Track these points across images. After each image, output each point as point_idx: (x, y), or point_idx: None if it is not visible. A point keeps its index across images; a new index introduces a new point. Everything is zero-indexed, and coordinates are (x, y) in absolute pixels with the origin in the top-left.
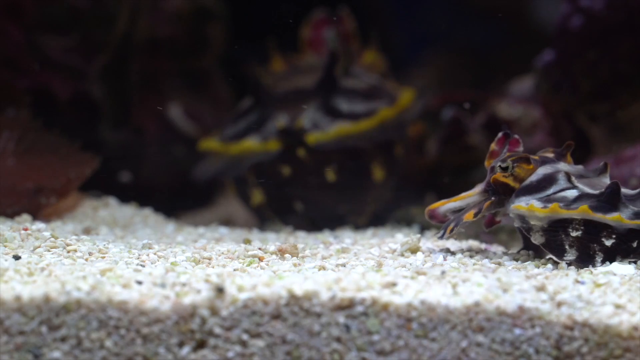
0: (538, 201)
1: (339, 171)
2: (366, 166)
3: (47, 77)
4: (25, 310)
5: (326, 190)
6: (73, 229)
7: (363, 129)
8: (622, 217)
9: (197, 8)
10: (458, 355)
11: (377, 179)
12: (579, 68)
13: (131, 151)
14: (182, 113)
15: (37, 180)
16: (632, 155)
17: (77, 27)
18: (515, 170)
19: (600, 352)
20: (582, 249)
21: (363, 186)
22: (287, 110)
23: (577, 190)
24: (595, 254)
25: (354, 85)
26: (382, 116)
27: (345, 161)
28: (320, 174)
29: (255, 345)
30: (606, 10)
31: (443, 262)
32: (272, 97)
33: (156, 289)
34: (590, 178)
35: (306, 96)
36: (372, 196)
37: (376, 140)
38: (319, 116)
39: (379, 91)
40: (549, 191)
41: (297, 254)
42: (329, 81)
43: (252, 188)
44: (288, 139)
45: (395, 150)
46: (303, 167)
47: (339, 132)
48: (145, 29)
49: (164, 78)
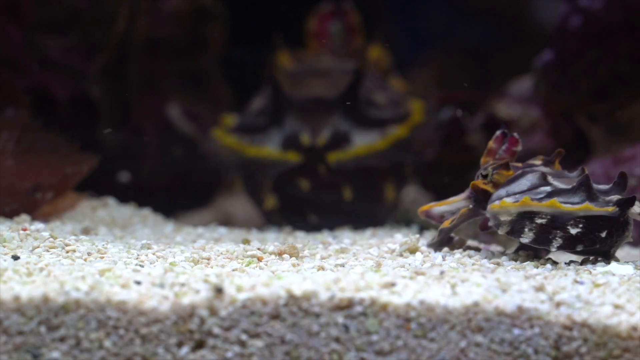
0: (510, 197)
1: (355, 189)
2: (379, 186)
3: (46, 77)
4: (24, 310)
5: (342, 206)
6: (72, 229)
7: (380, 149)
8: (590, 205)
9: (196, 8)
10: (457, 356)
11: (388, 198)
12: (578, 68)
13: (130, 151)
14: (181, 113)
15: (36, 179)
16: (631, 156)
17: (76, 27)
18: (494, 177)
19: (599, 352)
20: (541, 233)
21: (375, 205)
22: (307, 121)
23: (551, 187)
24: (553, 239)
25: (375, 99)
26: (397, 135)
27: (360, 180)
28: (337, 191)
29: (254, 346)
30: (605, 11)
31: (442, 262)
32: (292, 103)
33: (155, 289)
34: (570, 178)
35: (327, 107)
36: (382, 214)
37: (391, 160)
38: (345, 127)
39: (396, 104)
40: (523, 188)
41: (297, 255)
42: (352, 97)
43: (266, 192)
44: (310, 155)
45: (405, 170)
46: (322, 182)
47: (358, 152)
48: (144, 29)
49: (163, 78)
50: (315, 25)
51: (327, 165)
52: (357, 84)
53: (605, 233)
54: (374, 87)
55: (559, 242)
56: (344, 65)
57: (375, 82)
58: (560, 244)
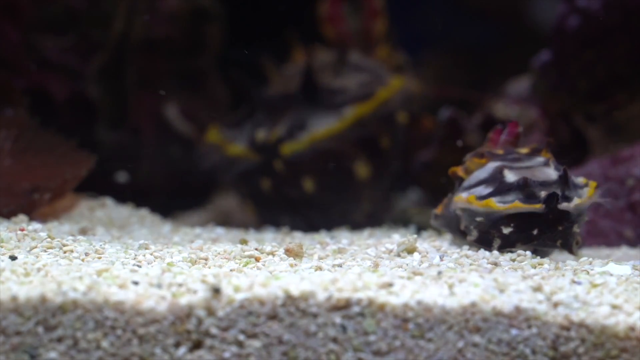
0: (465, 192)
1: (320, 177)
2: (347, 167)
3: (44, 78)
4: (21, 310)
5: (308, 200)
6: (69, 230)
7: (336, 131)
8: (518, 204)
9: (193, 8)
10: (454, 356)
11: (361, 176)
12: (576, 68)
13: (128, 151)
14: (179, 113)
15: (34, 180)
16: (629, 156)
17: (74, 27)
18: (467, 165)
19: (596, 353)
20: (482, 232)
21: (347, 187)
22: (271, 117)
23: (499, 183)
24: (493, 239)
25: (342, 85)
26: (357, 114)
27: (322, 167)
28: (298, 185)
29: (252, 346)
30: (603, 11)
31: (439, 262)
32: (265, 100)
33: (152, 290)
34: (533, 168)
35: (286, 102)
36: (362, 194)
37: (354, 139)
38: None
39: (367, 85)
40: (473, 183)
41: (302, 255)
42: (309, 87)
43: (245, 197)
44: (265, 152)
45: (381, 144)
46: (281, 179)
47: (313, 138)
48: (142, 29)
49: (161, 78)
50: (328, 9)
51: (284, 159)
52: (309, 78)
53: (536, 231)
54: (349, 70)
55: (498, 242)
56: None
57: (353, 66)
58: (500, 244)
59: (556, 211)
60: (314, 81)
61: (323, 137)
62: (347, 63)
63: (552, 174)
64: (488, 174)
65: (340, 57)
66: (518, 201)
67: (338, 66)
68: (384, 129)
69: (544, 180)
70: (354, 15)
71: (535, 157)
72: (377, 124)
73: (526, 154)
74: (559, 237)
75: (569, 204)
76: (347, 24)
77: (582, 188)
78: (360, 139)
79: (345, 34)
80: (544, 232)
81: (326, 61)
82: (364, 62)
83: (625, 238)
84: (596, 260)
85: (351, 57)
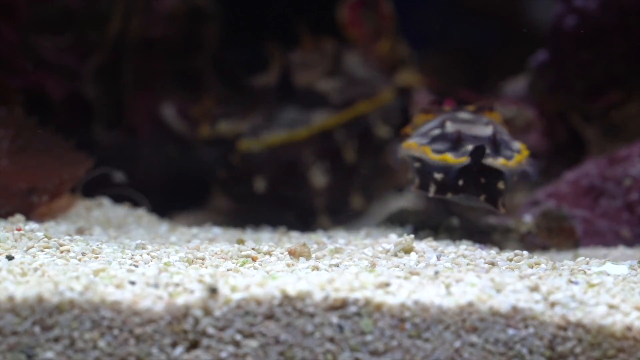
0: (412, 138)
1: (273, 179)
2: (303, 175)
3: (41, 77)
4: (18, 310)
5: (257, 199)
6: (66, 229)
7: (298, 138)
8: (447, 156)
9: (190, 8)
10: (451, 356)
11: (317, 186)
12: (573, 68)
13: (124, 151)
14: (176, 113)
15: (31, 180)
16: (626, 156)
17: (71, 27)
18: (414, 121)
19: (593, 353)
20: (421, 177)
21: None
22: (247, 108)
23: (440, 131)
24: (429, 184)
25: (324, 89)
26: (325, 124)
27: (276, 169)
28: (250, 183)
29: (249, 346)
30: (600, 11)
31: (436, 262)
32: (246, 89)
33: (149, 289)
34: (473, 124)
35: (265, 96)
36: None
37: (316, 149)
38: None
39: (355, 93)
40: (422, 131)
41: (308, 255)
42: (285, 85)
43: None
44: (224, 144)
45: (345, 156)
46: (236, 174)
47: (274, 141)
48: (139, 29)
49: (158, 78)
50: (347, 13)
51: (239, 155)
52: (286, 75)
53: (461, 181)
54: (339, 74)
55: (434, 187)
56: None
57: (347, 71)
58: (435, 190)
59: (480, 165)
60: (289, 79)
61: (284, 142)
62: (341, 66)
63: (488, 132)
64: (434, 124)
65: (334, 59)
66: (448, 153)
67: (330, 67)
68: (354, 142)
69: (476, 135)
70: (372, 17)
71: (480, 117)
72: (347, 135)
73: (472, 111)
74: (483, 191)
75: (494, 160)
76: (366, 26)
77: (516, 153)
78: (323, 149)
79: (366, 35)
80: (468, 184)
81: (317, 61)
82: (360, 69)
83: (622, 238)
84: (593, 260)
85: (349, 60)
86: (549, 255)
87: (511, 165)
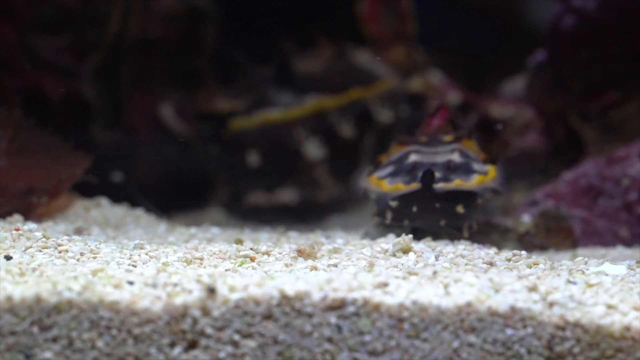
0: (376, 173)
1: (266, 155)
2: (296, 150)
3: (39, 77)
4: (16, 310)
5: (252, 174)
6: (65, 229)
7: (291, 118)
8: (400, 185)
9: (189, 8)
10: (450, 356)
11: (312, 158)
12: (571, 68)
13: (123, 151)
14: (174, 113)
15: (29, 180)
16: (625, 155)
17: (69, 27)
18: (390, 151)
19: (592, 353)
20: (379, 207)
21: (291, 167)
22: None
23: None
24: (386, 212)
25: (321, 75)
26: (318, 105)
27: (270, 145)
28: (242, 158)
29: (247, 346)
30: (598, 11)
31: (435, 262)
32: (250, 75)
33: (148, 289)
34: (438, 154)
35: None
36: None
37: (310, 128)
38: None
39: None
40: (388, 164)
41: (314, 256)
42: (283, 74)
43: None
44: (215, 121)
45: (342, 132)
46: (227, 149)
47: (266, 119)
48: (137, 29)
49: (156, 78)
50: (367, 9)
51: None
52: (285, 65)
53: (415, 208)
54: (341, 67)
55: (390, 215)
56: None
57: (351, 64)
58: (392, 217)
59: (432, 189)
60: (288, 65)
61: (276, 121)
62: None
63: (445, 159)
64: (397, 157)
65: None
66: (401, 182)
67: (331, 61)
68: (350, 120)
69: (434, 162)
70: (391, 16)
71: (450, 144)
72: (342, 117)
73: (447, 141)
74: (442, 216)
75: (445, 184)
76: (385, 23)
77: (477, 174)
78: (316, 128)
79: (384, 32)
80: (422, 210)
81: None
82: (367, 62)
83: (620, 238)
84: (592, 260)
85: (359, 57)
86: (548, 255)
87: (470, 185)
